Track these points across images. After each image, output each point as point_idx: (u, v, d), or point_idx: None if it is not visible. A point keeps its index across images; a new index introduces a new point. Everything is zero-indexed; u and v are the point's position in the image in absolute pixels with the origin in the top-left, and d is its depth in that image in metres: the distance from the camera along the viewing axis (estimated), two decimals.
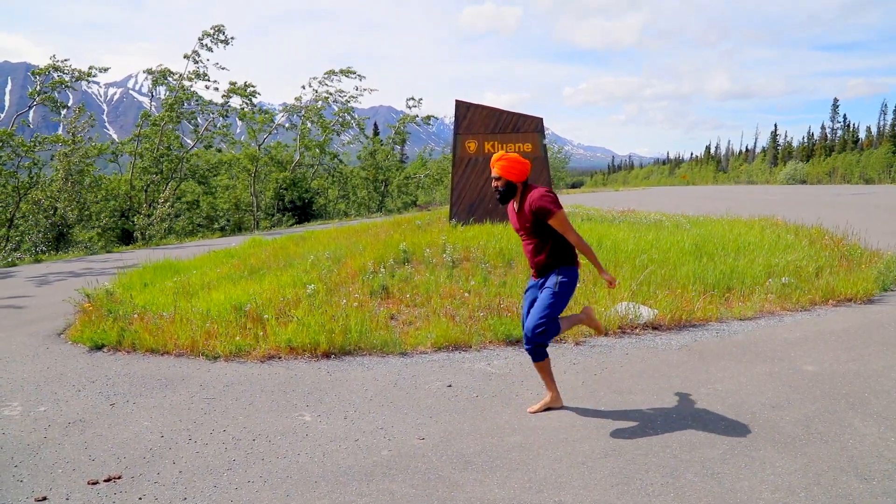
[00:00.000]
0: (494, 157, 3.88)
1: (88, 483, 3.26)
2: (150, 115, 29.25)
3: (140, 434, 3.91)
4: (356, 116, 38.52)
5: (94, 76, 25.62)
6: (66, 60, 25.43)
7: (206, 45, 28.97)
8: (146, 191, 28.51)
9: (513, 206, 3.98)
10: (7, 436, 3.94)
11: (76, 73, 25.34)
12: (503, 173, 3.81)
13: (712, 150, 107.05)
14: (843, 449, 3.38)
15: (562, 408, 4.12)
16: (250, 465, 3.43)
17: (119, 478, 3.32)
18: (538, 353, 3.91)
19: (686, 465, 3.26)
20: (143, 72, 30.12)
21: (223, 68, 30.01)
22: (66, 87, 25.28)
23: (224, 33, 28.98)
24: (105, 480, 3.29)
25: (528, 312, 3.97)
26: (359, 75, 35.69)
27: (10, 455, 3.64)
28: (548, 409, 4.09)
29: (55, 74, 25.09)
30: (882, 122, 71.44)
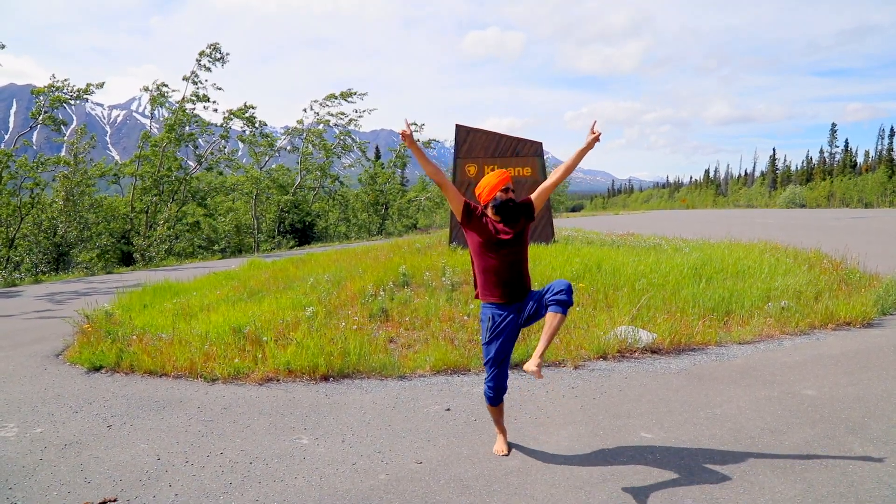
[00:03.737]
0: (500, 171, 3.68)
1: None
2: (150, 137, 29.47)
3: (137, 456, 3.89)
4: (356, 140, 38.84)
5: (91, 93, 25.87)
6: (65, 80, 25.76)
7: (204, 64, 29.29)
8: (147, 212, 28.62)
9: (492, 221, 3.61)
10: (2, 457, 3.92)
11: (75, 92, 25.63)
12: (513, 186, 3.66)
13: (712, 175, 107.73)
14: (843, 474, 3.36)
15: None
16: (247, 489, 3.41)
17: (114, 500, 3.30)
18: None
19: (685, 491, 3.24)
20: (141, 89, 30.36)
21: (219, 88, 30.23)
22: (65, 103, 25.54)
23: (220, 51, 29.27)
24: (100, 503, 3.27)
25: (506, 352, 3.61)
26: (360, 94, 36.01)
27: (4, 477, 3.62)
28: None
29: (55, 93, 25.37)
30: (880, 147, 72.01)
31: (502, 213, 3.56)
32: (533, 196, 3.70)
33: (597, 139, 3.65)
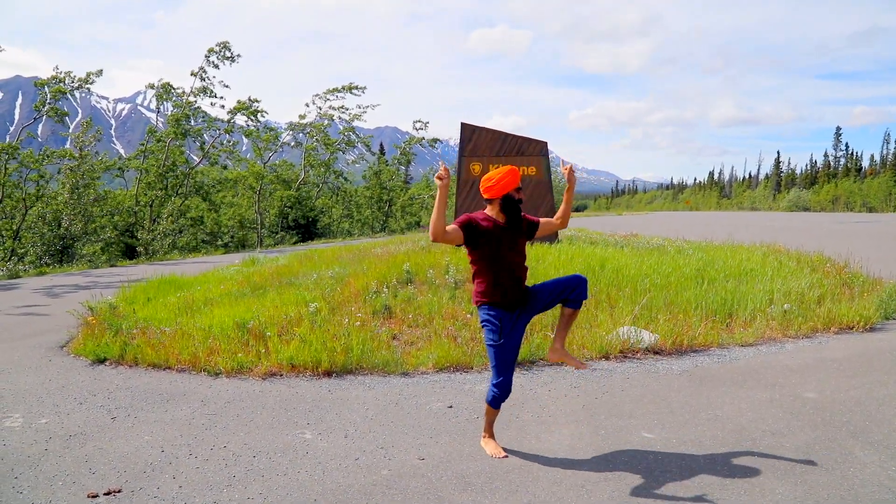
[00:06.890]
0: (512, 168, 3.64)
1: (88, 496, 3.27)
2: (155, 131, 29.53)
3: (141, 448, 3.92)
4: (360, 135, 38.86)
5: (91, 82, 25.94)
6: (69, 72, 25.83)
7: (213, 61, 29.33)
8: (151, 206, 28.68)
9: (500, 223, 3.61)
10: (8, 447, 3.95)
11: (76, 82, 25.70)
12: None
13: (716, 176, 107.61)
14: (844, 478, 3.37)
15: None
16: (250, 482, 3.44)
17: (119, 491, 3.33)
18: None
19: (685, 491, 3.25)
20: (146, 86, 30.48)
21: (226, 86, 30.36)
22: (66, 94, 25.60)
23: (230, 50, 29.32)
24: (105, 494, 3.29)
25: (515, 352, 3.69)
26: (361, 88, 35.96)
27: (10, 467, 3.65)
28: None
29: (58, 84, 25.44)
30: (885, 151, 71.80)
31: (510, 212, 3.60)
32: (542, 221, 3.85)
33: (570, 172, 3.91)
